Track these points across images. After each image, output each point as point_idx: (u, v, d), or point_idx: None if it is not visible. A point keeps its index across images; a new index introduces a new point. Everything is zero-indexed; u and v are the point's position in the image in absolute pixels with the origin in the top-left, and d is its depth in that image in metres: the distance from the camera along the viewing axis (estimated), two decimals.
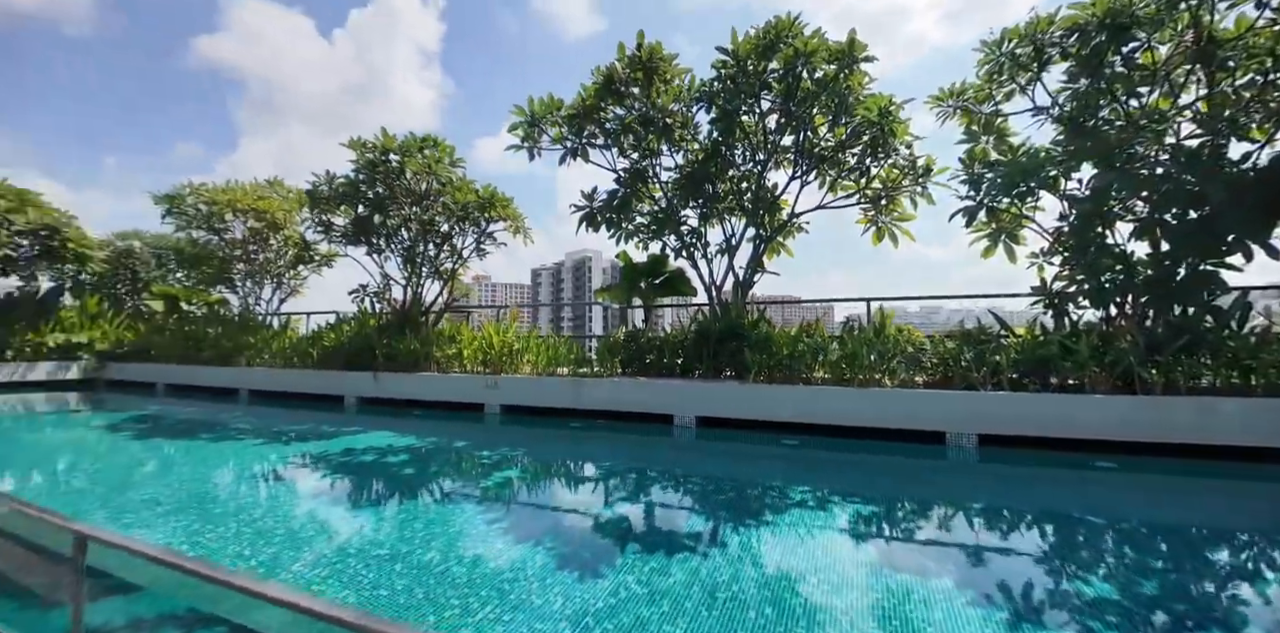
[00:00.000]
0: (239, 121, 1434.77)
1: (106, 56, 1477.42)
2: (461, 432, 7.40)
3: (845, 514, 4.06)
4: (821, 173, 8.94)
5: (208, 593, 2.53)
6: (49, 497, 4.49)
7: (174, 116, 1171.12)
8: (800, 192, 8.85)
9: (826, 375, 7.06)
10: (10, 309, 12.72)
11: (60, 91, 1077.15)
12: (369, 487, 4.77)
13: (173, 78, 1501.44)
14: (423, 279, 10.21)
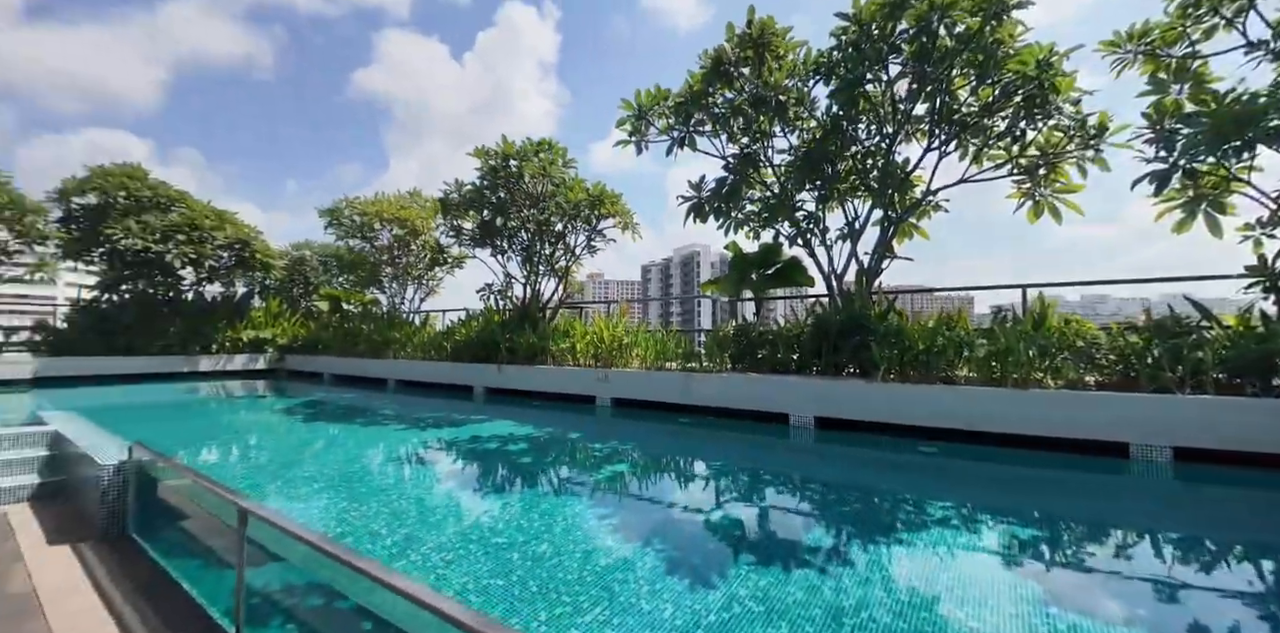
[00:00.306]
0: (388, 144, 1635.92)
1: (285, 95, 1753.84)
2: (575, 423, 7.64)
3: (999, 537, 3.51)
4: (963, 142, 7.91)
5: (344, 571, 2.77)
6: (233, 468, 5.31)
7: (338, 143, 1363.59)
8: (937, 165, 7.91)
9: (971, 374, 6.24)
10: (215, 310, 15.45)
11: (251, 128, 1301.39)
12: (491, 475, 5.04)
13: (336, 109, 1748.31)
14: (540, 277, 10.72)
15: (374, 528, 3.55)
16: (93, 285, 14.07)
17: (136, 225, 12.79)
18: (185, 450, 6.05)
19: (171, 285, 14.67)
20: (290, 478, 4.88)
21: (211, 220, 14.26)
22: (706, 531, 3.58)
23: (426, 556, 3.09)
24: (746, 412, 7.04)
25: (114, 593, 3.08)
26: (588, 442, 6.54)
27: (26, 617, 2.75)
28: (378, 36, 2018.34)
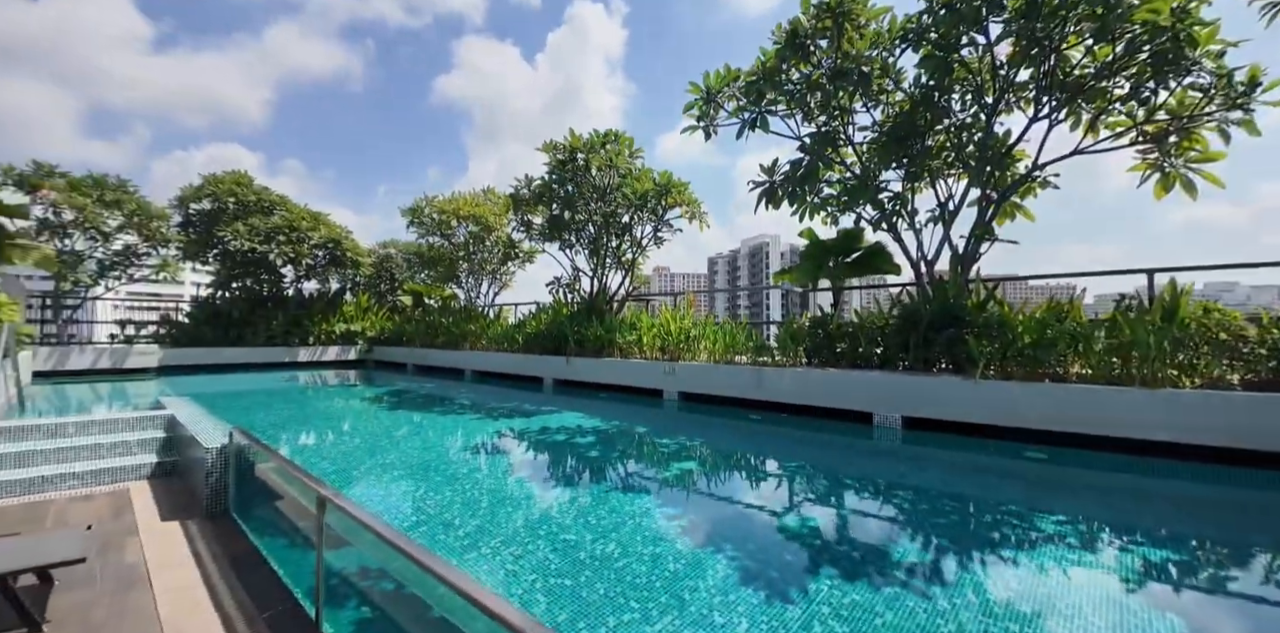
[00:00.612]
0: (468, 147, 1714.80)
1: (374, 105, 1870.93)
2: (642, 417, 7.51)
3: (1127, 560, 3.00)
4: (1075, 109, 7.00)
5: None
6: (323, 452, 5.60)
7: (422, 148, 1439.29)
8: (1046, 137, 7.05)
9: (1085, 371, 5.53)
10: (311, 305, 16.70)
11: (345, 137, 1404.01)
12: (559, 468, 5.00)
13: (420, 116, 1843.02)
14: (606, 270, 10.70)
15: (448, 518, 3.57)
16: (208, 283, 15.59)
17: (244, 228, 13.99)
18: (284, 434, 6.49)
19: (274, 282, 15.98)
20: (374, 464, 5.08)
21: (308, 222, 15.38)
22: (784, 539, 3.32)
23: (497, 549, 3.05)
24: (824, 409, 6.62)
25: (212, 569, 3.27)
26: (655, 437, 6.40)
27: (134, 587, 2.96)
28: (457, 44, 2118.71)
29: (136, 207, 12.92)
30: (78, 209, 11.78)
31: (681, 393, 8.03)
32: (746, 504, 4.05)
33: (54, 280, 12.31)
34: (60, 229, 11.88)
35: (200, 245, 14.09)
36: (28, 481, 4.48)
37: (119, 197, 12.66)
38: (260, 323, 15.15)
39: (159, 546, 3.55)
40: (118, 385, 10.22)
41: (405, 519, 3.55)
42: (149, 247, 13.42)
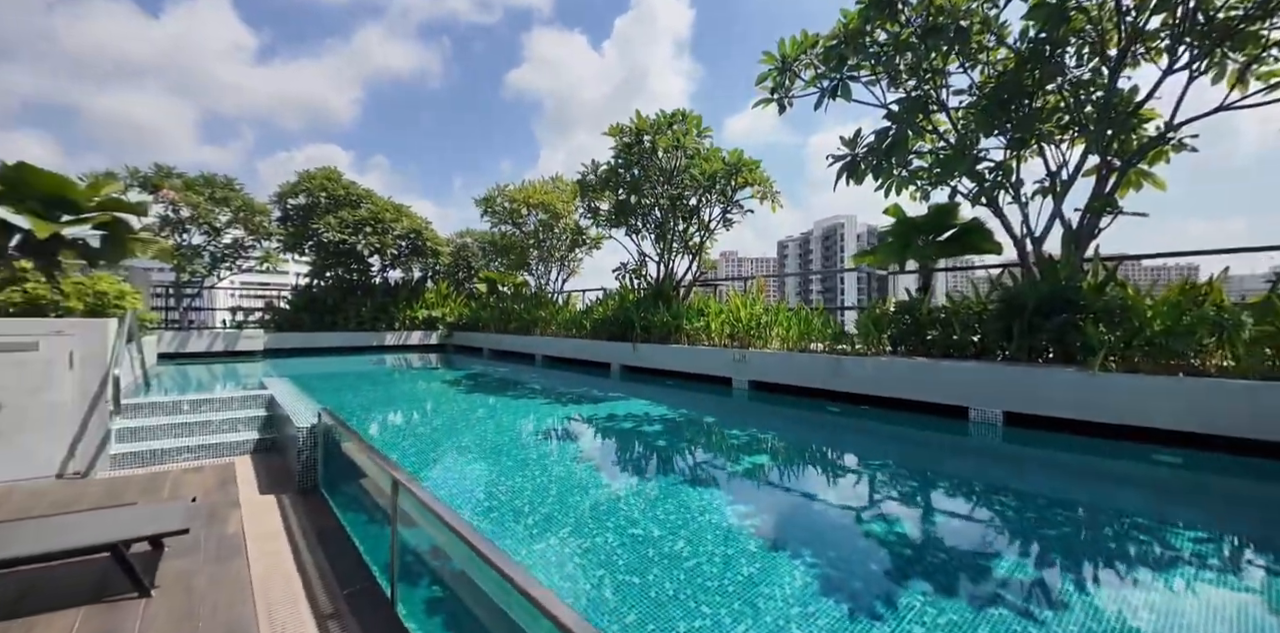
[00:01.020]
0: (539, 138, 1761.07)
1: (451, 101, 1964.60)
2: (711, 406, 7.30)
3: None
4: (1218, 59, 5.95)
5: None
6: (403, 432, 5.84)
7: (495, 140, 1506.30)
8: (1184, 93, 6.04)
9: (1229, 362, 4.73)
10: (396, 292, 17.66)
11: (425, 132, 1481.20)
12: (627, 459, 4.91)
13: (493, 109, 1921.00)
14: (673, 254, 10.47)
15: (518, 505, 3.56)
16: (305, 273, 16.83)
17: (335, 220, 14.93)
18: (369, 414, 6.84)
19: (363, 271, 17.02)
20: (450, 446, 5.22)
21: (391, 214, 16.20)
22: (868, 546, 3.03)
23: (565, 540, 2.99)
24: (911, 402, 6.10)
25: (301, 542, 3.44)
26: (725, 427, 6.17)
27: (233, 557, 3.14)
28: (526, 36, 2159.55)
29: (242, 203, 14.09)
30: (192, 206, 13.01)
31: (752, 382, 7.72)
32: (826, 505, 3.75)
33: (175, 272, 13.73)
34: (179, 225, 13.17)
35: (297, 237, 15.19)
36: (149, 452, 4.96)
37: (227, 194, 13.84)
38: (351, 309, 16.23)
39: (256, 517, 3.79)
40: (229, 366, 11.26)
41: (478, 505, 3.56)
42: (253, 240, 14.63)
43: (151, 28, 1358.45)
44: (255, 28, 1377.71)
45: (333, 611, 2.71)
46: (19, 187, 5.36)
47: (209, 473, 4.74)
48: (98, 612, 2.58)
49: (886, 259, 7.93)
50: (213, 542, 3.34)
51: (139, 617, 2.54)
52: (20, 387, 4.45)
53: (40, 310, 4.95)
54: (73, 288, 5.28)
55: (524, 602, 1.48)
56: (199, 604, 2.65)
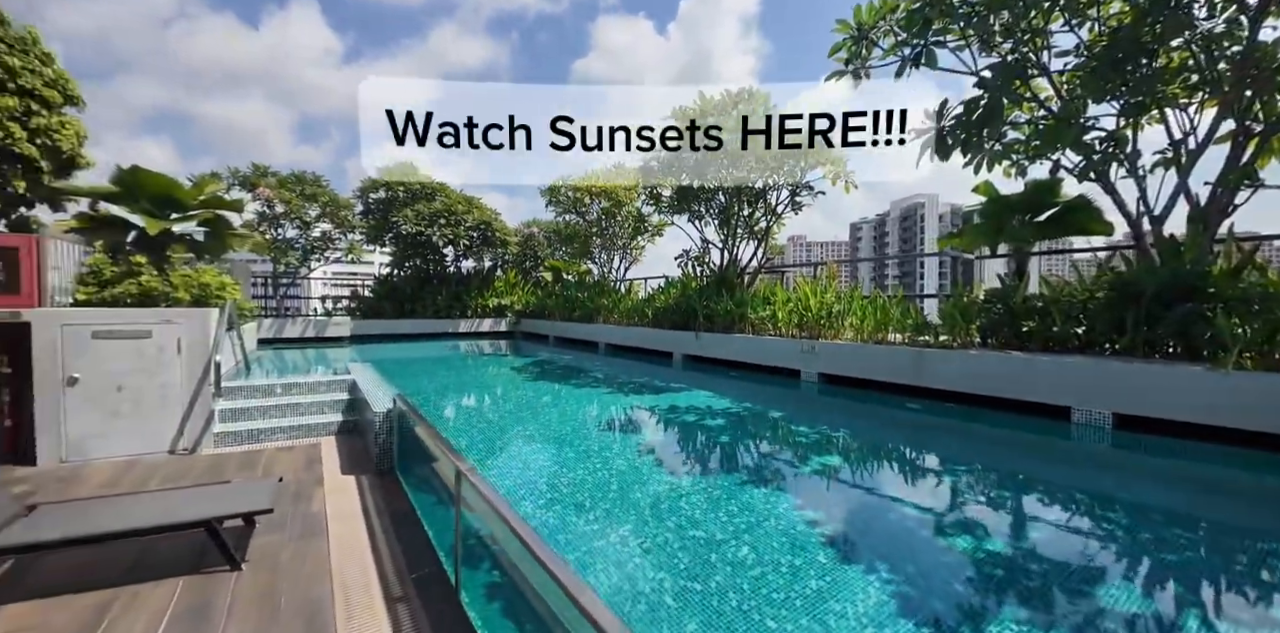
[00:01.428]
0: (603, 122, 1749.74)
1: None
2: (777, 399, 7.02)
3: None
4: None
5: None
6: (471, 416, 6.00)
7: None
8: None
9: None
10: (468, 281, 18.34)
11: None
12: (690, 455, 4.78)
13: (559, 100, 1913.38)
14: (738, 240, 10.11)
15: (579, 499, 3.53)
16: (387, 263, 17.80)
17: (412, 213, 15.67)
18: (441, 399, 7.11)
19: (438, 262, 17.79)
20: (515, 435, 5.32)
21: (463, 206, 16.78)
22: (954, 562, 2.75)
23: (625, 539, 2.92)
24: (1004, 400, 5.56)
25: (375, 523, 3.59)
26: (793, 423, 5.90)
27: (315, 535, 3.31)
28: (591, 25, 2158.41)
29: (329, 198, 15.02)
30: (285, 202, 14.01)
31: (822, 374, 7.34)
32: (905, 515, 3.45)
33: (272, 263, 14.90)
34: (274, 220, 14.24)
35: (379, 230, 16.07)
36: (247, 432, 5.37)
37: (315, 190, 14.80)
38: (428, 298, 17.05)
39: (337, 497, 3.99)
40: (319, 351, 12.11)
41: (540, 496, 3.56)
42: (339, 232, 15.61)
43: (252, 39, 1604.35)
44: (341, 32, 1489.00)
45: (401, 594, 2.78)
46: (133, 188, 5.89)
47: (298, 452, 5.07)
48: (195, 583, 2.78)
49: (976, 242, 7.27)
50: (298, 520, 3.54)
51: (229, 590, 2.71)
52: (138, 370, 4.91)
53: (153, 301, 5.45)
54: (180, 280, 5.78)
55: (569, 602, 1.46)
56: (281, 580, 2.79)
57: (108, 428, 4.80)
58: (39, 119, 9.80)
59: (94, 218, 5.82)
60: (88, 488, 4.07)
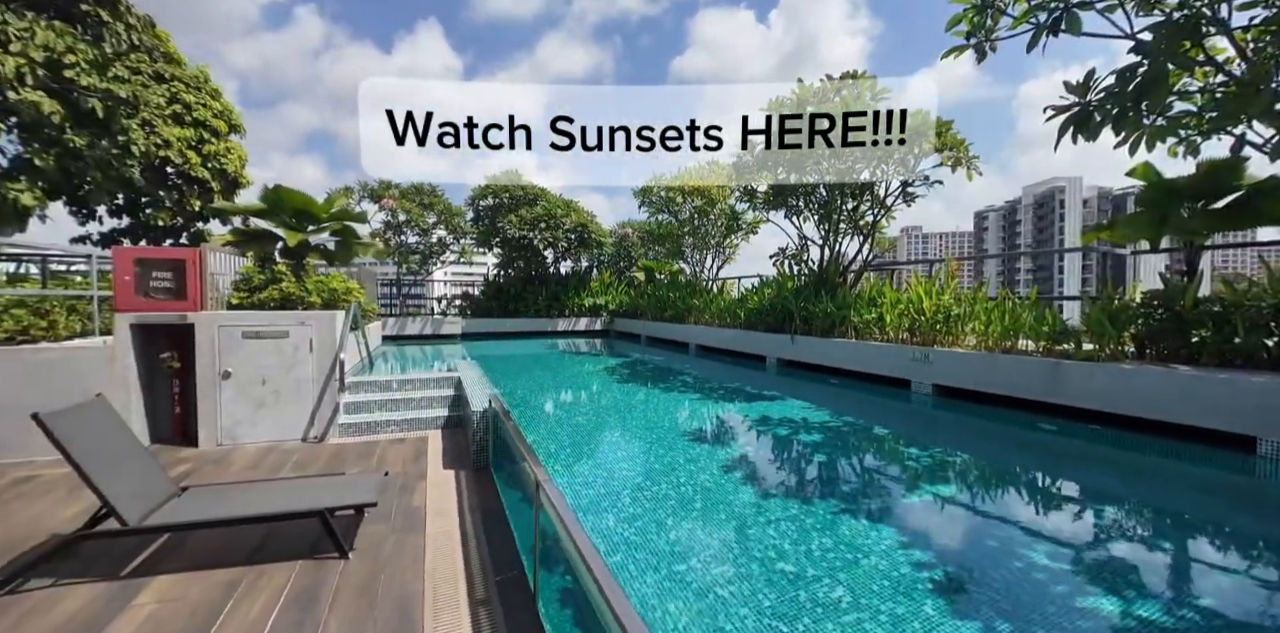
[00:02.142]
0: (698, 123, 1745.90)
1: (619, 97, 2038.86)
2: (883, 413, 6.42)
3: None
4: None
5: None
6: (560, 420, 6.10)
7: None
8: None
9: None
10: (566, 282, 19.00)
11: None
12: (782, 475, 4.48)
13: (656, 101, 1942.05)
14: (840, 236, 9.44)
15: (661, 515, 3.41)
16: (494, 265, 18.92)
17: (516, 218, 16.53)
18: (534, 398, 7.35)
19: (539, 264, 18.61)
20: (601, 440, 5.33)
21: (562, 209, 17.43)
22: (1101, 628, 2.26)
23: (707, 566, 2.75)
24: (1166, 425, 4.65)
25: (468, 519, 3.72)
26: (902, 443, 5.34)
27: (414, 528, 3.48)
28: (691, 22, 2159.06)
29: (443, 207, 16.25)
30: (406, 211, 15.37)
31: (937, 386, 6.59)
32: (1035, 562, 2.89)
33: (395, 267, 16.43)
34: (398, 228, 15.68)
35: (487, 234, 17.14)
36: (366, 424, 5.86)
37: (431, 200, 16.08)
38: (530, 298, 17.92)
39: (437, 491, 4.20)
40: (435, 347, 13.09)
41: (622, 510, 3.48)
42: (453, 238, 16.86)
43: (386, 63, 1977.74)
44: (461, 51, 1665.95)
45: (484, 596, 2.83)
46: (277, 204, 6.66)
47: (408, 446, 5.44)
48: (309, 567, 3.01)
49: (1132, 234, 6.17)
50: (401, 513, 3.75)
51: (336, 577, 2.91)
52: (278, 366, 5.53)
53: (291, 304, 6.12)
54: (314, 285, 6.44)
55: None
56: (381, 572, 2.95)
57: (254, 416, 5.45)
58: (209, 146, 11.44)
59: (245, 232, 6.66)
60: (234, 470, 4.63)
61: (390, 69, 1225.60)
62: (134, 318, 5.13)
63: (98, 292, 6.24)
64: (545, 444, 5.16)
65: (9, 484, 4.14)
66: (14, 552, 3.07)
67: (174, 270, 5.28)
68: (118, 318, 5.09)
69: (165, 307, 5.24)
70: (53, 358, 4.87)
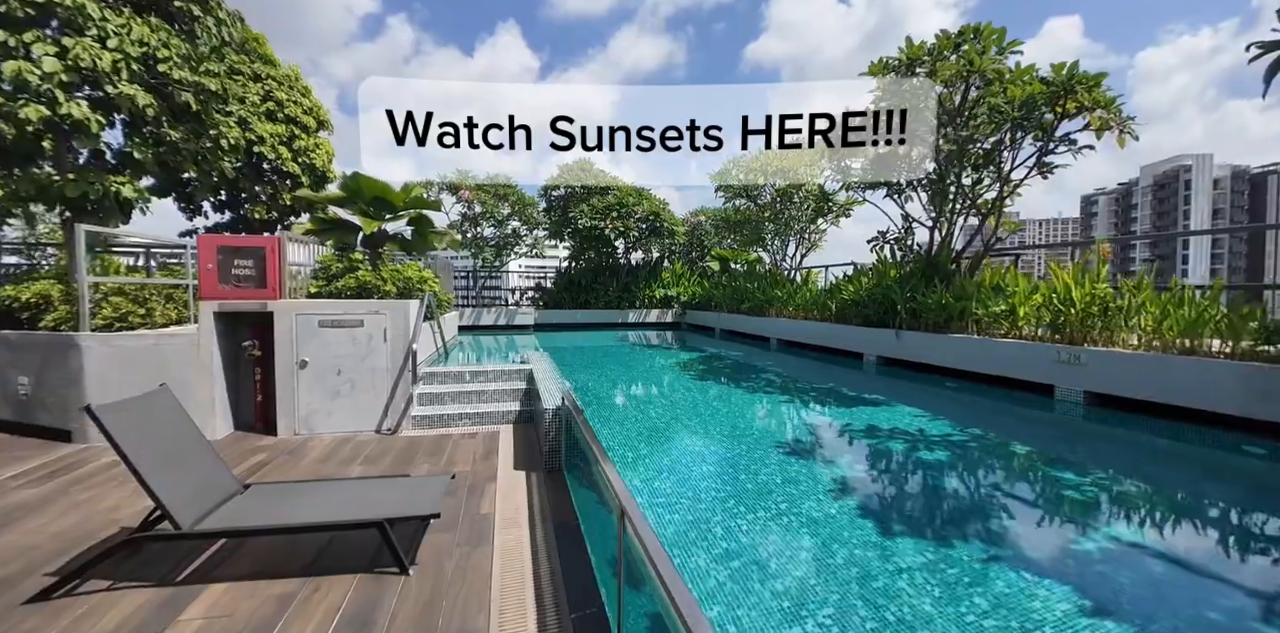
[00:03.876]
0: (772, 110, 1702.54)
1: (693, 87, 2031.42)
2: (1022, 425, 5.40)
3: None
4: None
5: None
6: (636, 426, 5.60)
7: None
8: None
9: None
10: (637, 272, 18.57)
11: None
12: (904, 505, 3.71)
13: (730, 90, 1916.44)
14: (954, 216, 8.21)
15: (762, 556, 2.78)
16: (566, 257, 18.84)
17: (587, 208, 16.31)
18: (609, 394, 6.91)
19: (609, 254, 18.33)
20: (680, 453, 4.77)
21: (633, 198, 17.00)
22: None
23: (789, 589, 2.12)
24: None
25: (539, 531, 3.29)
26: (1053, 467, 4.37)
27: (482, 541, 3.09)
28: (766, 6, 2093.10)
29: (517, 197, 16.28)
30: (482, 203, 15.51)
31: (1090, 394, 5.46)
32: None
33: (471, 258, 16.67)
34: (474, 220, 15.87)
35: (559, 225, 17.03)
36: (438, 417, 5.64)
37: (506, 191, 16.13)
38: (601, 289, 17.69)
39: (507, 496, 3.81)
40: (508, 338, 13.08)
41: (715, 546, 2.89)
42: (527, 229, 16.89)
43: (468, 65, 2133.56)
44: (538, 50, 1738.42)
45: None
46: (356, 192, 6.58)
47: (479, 441, 5.15)
48: (368, 581, 2.67)
49: None
50: (468, 521, 3.38)
51: (395, 596, 2.55)
52: (353, 355, 5.39)
53: (367, 293, 6.00)
54: (390, 274, 6.30)
55: None
56: (442, 596, 2.56)
57: (329, 406, 5.34)
58: (300, 141, 11.81)
59: (325, 220, 6.63)
60: (306, 461, 4.48)
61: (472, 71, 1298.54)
62: (216, 306, 5.14)
63: (193, 281, 6.43)
64: (620, 451, 4.67)
65: (97, 470, 4.17)
66: (86, 544, 2.96)
67: (254, 258, 5.24)
68: (202, 306, 5.11)
69: (246, 295, 5.22)
70: (144, 344, 4.95)
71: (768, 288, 13.08)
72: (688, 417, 5.80)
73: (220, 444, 5.00)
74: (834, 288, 10.45)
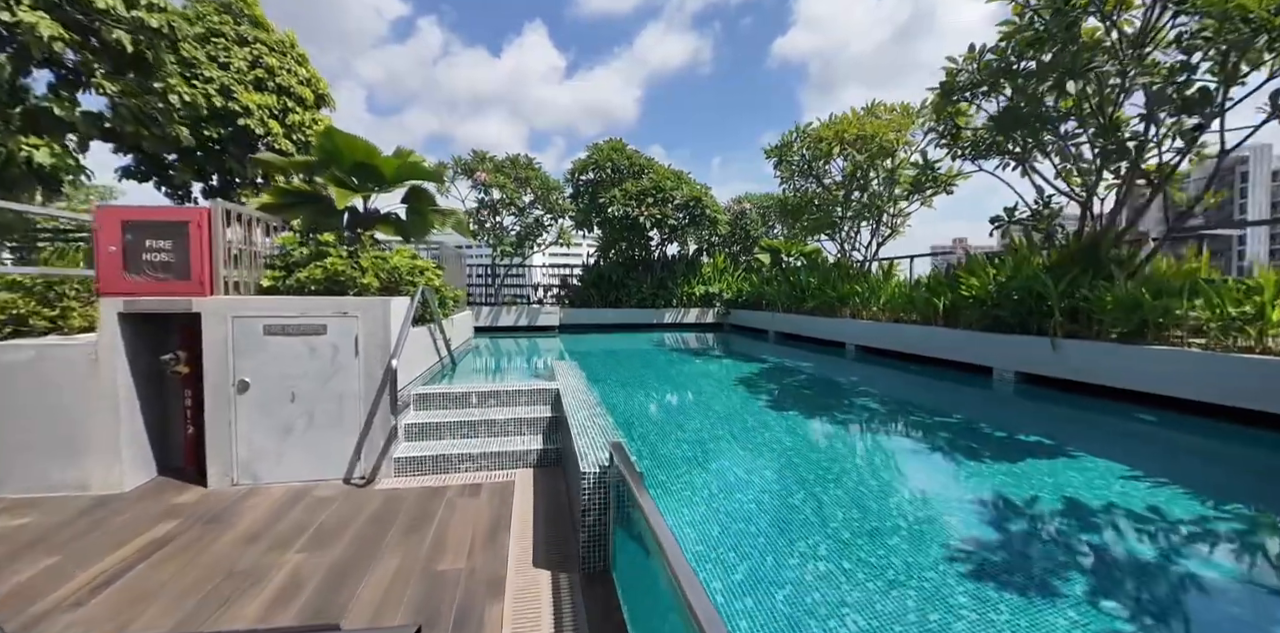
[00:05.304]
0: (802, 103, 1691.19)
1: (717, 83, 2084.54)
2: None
3: None
4: None
5: None
6: (690, 455, 4.02)
7: (756, 115, 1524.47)
8: None
9: None
10: (674, 267, 16.94)
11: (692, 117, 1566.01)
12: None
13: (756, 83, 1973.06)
14: (1127, 184, 6.26)
15: None
16: (595, 249, 17.35)
17: (620, 193, 14.78)
18: (657, 419, 5.38)
19: (643, 246, 16.76)
20: (772, 529, 3.15)
21: (671, 182, 15.41)
22: None
23: None
24: None
25: None
26: None
27: None
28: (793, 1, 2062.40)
29: (540, 181, 14.85)
30: (500, 187, 14.13)
31: None
32: None
33: (490, 251, 15.30)
34: (493, 207, 14.50)
35: (587, 214, 15.54)
36: (431, 459, 4.18)
37: (528, 174, 14.70)
38: (633, 285, 16.16)
39: (520, 619, 2.31)
40: (530, 341, 11.64)
41: None
42: (551, 218, 15.44)
43: (495, 66, 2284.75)
44: (564, 49, 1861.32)
45: None
46: (333, 155, 5.18)
47: (484, 501, 3.68)
48: None
49: None
50: None
51: None
52: (313, 375, 3.97)
53: (341, 287, 4.59)
54: (371, 263, 4.88)
55: None
56: None
57: (279, 447, 3.94)
58: (294, 116, 10.49)
59: (291, 192, 5.24)
60: (228, 539, 3.07)
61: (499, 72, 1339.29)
62: (121, 304, 3.77)
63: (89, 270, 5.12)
64: (683, 529, 3.14)
65: None
66: None
67: (175, 238, 3.85)
68: (102, 304, 3.75)
69: (163, 289, 3.84)
70: (14, 360, 3.61)
71: (839, 283, 11.31)
72: (771, 462, 4.20)
73: (124, 499, 3.64)
74: (937, 282, 8.60)
